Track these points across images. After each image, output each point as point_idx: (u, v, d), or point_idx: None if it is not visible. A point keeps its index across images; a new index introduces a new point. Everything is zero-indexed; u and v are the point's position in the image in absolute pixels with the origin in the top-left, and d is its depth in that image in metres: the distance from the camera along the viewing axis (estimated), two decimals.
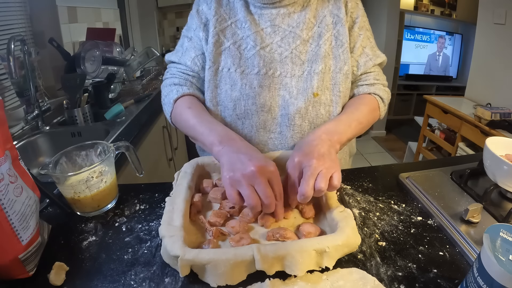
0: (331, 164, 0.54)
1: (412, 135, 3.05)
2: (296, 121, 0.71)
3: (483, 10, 2.21)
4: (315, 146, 0.58)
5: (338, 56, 0.71)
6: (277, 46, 0.71)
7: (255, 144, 0.73)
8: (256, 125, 0.72)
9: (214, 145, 0.61)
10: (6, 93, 1.20)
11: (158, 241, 0.53)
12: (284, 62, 0.70)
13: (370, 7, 3.48)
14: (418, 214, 0.60)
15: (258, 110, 0.71)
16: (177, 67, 0.79)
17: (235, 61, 0.71)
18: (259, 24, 0.72)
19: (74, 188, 0.57)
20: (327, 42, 0.71)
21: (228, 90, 0.71)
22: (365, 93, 0.75)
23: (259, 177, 0.51)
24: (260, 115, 0.71)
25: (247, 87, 0.70)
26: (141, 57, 1.86)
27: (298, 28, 0.71)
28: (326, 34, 0.71)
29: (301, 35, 0.71)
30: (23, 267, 0.46)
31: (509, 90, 2.02)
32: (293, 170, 0.56)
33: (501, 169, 0.59)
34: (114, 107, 1.40)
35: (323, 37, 0.71)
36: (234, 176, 0.52)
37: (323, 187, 0.51)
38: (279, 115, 0.71)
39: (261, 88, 0.70)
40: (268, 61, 0.70)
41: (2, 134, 0.47)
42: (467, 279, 0.40)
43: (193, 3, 0.79)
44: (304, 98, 0.70)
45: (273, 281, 0.43)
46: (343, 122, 0.67)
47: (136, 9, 2.64)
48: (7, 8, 1.30)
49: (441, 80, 3.81)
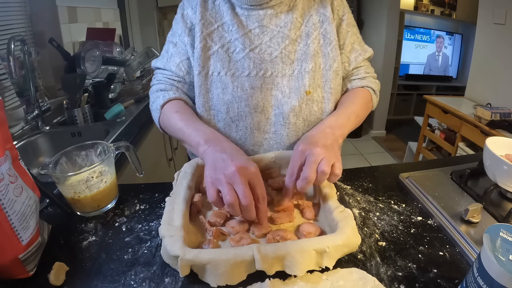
0: (334, 155, 0.57)
1: (412, 135, 3.05)
2: (291, 119, 0.71)
3: (483, 10, 2.21)
4: (320, 138, 0.61)
5: (327, 54, 0.72)
6: (267, 46, 0.71)
7: (250, 145, 0.73)
8: (250, 126, 0.72)
9: (200, 145, 0.61)
10: (6, 93, 1.20)
11: (158, 241, 0.53)
12: (275, 62, 0.71)
13: (370, 7, 3.49)
14: (418, 214, 0.60)
15: (252, 111, 0.71)
16: (162, 73, 0.79)
17: (225, 65, 0.71)
18: (246, 26, 0.72)
19: (74, 188, 0.57)
20: (315, 41, 0.72)
21: (220, 94, 0.71)
22: (358, 86, 0.78)
23: (239, 177, 0.50)
24: (254, 116, 0.71)
25: (238, 89, 0.70)
26: (141, 57, 1.86)
27: (286, 28, 0.72)
28: (314, 33, 0.72)
29: (289, 34, 0.72)
30: (23, 267, 0.46)
31: (509, 90, 2.02)
32: (297, 157, 0.57)
33: (501, 169, 0.59)
34: (114, 107, 1.40)
35: (311, 36, 0.72)
36: (215, 175, 0.52)
37: (326, 170, 0.54)
38: (273, 115, 0.72)
39: (253, 89, 0.70)
40: (258, 62, 0.71)
41: (2, 134, 0.47)
42: (467, 279, 0.40)
43: (178, 7, 0.80)
44: (297, 97, 0.71)
45: (273, 281, 0.43)
46: (343, 116, 0.70)
47: (136, 9, 2.64)
48: (7, 8, 1.30)
49: (441, 80, 3.81)
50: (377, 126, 3.63)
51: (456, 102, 2.30)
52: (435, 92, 3.74)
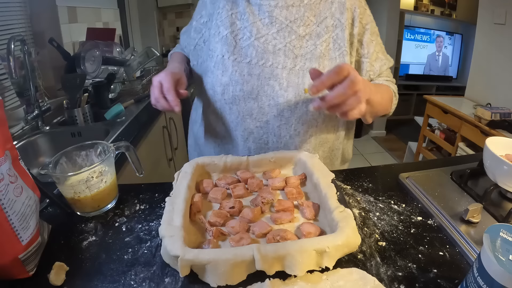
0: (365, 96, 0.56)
1: (412, 135, 3.05)
2: (285, 113, 0.72)
3: (483, 10, 2.21)
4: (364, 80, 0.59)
5: (334, 58, 0.73)
6: (272, 38, 0.73)
7: (241, 131, 0.77)
8: (243, 111, 0.74)
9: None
10: (6, 93, 1.20)
11: (158, 241, 0.53)
12: (277, 54, 0.72)
13: (370, 7, 3.47)
14: (418, 214, 0.60)
15: (246, 96, 0.73)
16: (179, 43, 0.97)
17: (230, 49, 0.74)
18: (257, 15, 0.74)
19: (74, 188, 0.57)
20: (324, 44, 0.72)
21: (219, 75, 0.75)
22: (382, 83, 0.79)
23: (154, 80, 0.68)
24: (247, 102, 0.74)
25: (237, 73, 0.73)
26: (141, 57, 1.86)
27: (295, 24, 0.73)
28: (324, 36, 0.72)
29: (297, 31, 0.72)
30: (23, 267, 0.46)
31: (509, 90, 2.02)
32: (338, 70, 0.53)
33: (501, 169, 0.59)
34: (114, 107, 1.40)
35: (321, 37, 0.72)
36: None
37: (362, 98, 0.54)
38: (267, 105, 0.73)
39: (250, 76, 0.73)
40: (261, 51, 0.72)
41: (2, 134, 0.47)
42: (467, 279, 0.40)
43: None
44: (294, 92, 0.71)
45: (273, 281, 0.43)
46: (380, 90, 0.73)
47: (136, 9, 2.64)
48: (7, 8, 1.30)
49: (441, 80, 3.81)
50: (377, 126, 3.63)
51: (456, 102, 2.30)
52: (435, 92, 3.74)
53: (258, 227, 0.52)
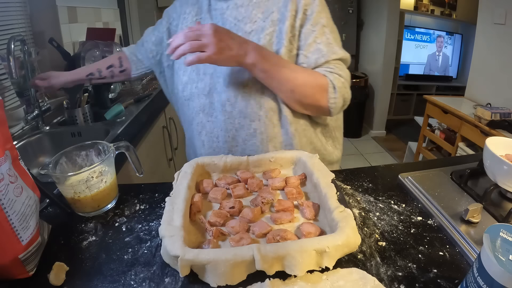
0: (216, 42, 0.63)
1: (412, 135, 3.05)
2: (227, 107, 0.76)
3: (483, 10, 2.21)
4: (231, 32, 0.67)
5: (275, 52, 0.73)
6: None
7: (196, 125, 0.83)
8: (197, 107, 0.81)
9: None
10: (6, 93, 1.20)
11: (158, 241, 0.53)
12: None
13: (370, 7, 3.49)
14: (418, 214, 0.60)
15: (200, 93, 0.79)
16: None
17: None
18: (214, 19, 0.80)
19: (74, 188, 0.57)
20: (267, 37, 0.74)
21: (181, 75, 0.83)
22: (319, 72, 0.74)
23: None
24: (201, 99, 0.80)
25: (194, 73, 0.80)
26: None
27: (243, 22, 0.75)
28: (268, 29, 0.74)
29: (243, 28, 0.75)
30: (23, 267, 0.46)
31: (509, 90, 2.02)
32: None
33: (501, 169, 0.59)
34: (114, 107, 1.40)
35: (264, 31, 0.74)
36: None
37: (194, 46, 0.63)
38: (216, 100, 0.78)
39: (204, 75, 0.79)
40: None
41: (2, 134, 0.47)
42: (467, 279, 0.40)
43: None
44: (234, 87, 0.75)
45: (273, 281, 0.43)
46: (281, 59, 0.72)
47: (136, 9, 2.64)
48: (7, 8, 1.30)
49: (441, 80, 3.81)
50: (377, 126, 3.63)
51: (456, 102, 2.30)
52: (435, 92, 3.74)
53: (258, 227, 0.52)
